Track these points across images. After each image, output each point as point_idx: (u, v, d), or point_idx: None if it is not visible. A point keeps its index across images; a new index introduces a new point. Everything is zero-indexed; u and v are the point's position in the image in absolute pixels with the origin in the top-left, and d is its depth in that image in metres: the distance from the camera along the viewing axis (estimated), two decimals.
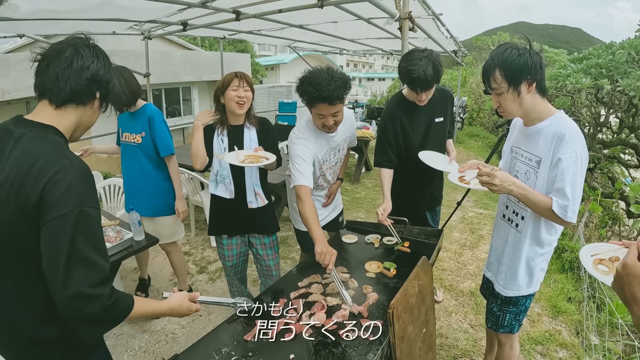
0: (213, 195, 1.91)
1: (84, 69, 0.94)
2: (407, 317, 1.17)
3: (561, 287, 2.83)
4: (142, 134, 2.24)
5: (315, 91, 1.54)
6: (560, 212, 1.22)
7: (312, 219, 1.54)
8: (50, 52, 0.95)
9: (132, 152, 2.29)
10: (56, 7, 3.08)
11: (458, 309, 2.53)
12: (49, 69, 0.93)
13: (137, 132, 2.25)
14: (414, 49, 1.75)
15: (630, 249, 0.65)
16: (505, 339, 1.63)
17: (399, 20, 2.36)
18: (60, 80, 0.92)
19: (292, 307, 1.33)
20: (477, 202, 4.49)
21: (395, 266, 1.58)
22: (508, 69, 1.23)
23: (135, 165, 2.29)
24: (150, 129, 2.22)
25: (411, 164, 1.93)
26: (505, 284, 1.50)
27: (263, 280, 2.18)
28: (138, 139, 2.25)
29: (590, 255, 1.01)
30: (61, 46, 0.95)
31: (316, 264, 1.61)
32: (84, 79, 0.94)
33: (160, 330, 2.38)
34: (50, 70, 0.93)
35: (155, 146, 2.25)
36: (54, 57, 0.93)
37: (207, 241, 3.53)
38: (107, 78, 1.01)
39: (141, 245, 2.13)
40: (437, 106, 1.94)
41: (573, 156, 1.22)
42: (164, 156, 2.28)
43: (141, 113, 2.25)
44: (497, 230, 1.60)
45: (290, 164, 1.72)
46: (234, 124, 1.85)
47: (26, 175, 0.86)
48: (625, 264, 0.63)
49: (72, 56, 0.93)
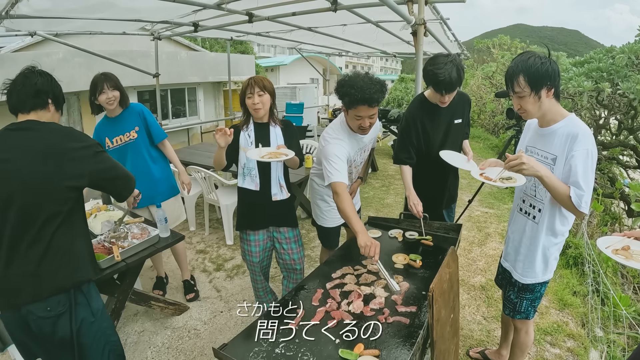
0: (240, 190, 2.00)
1: (32, 85, 1.34)
2: (441, 301, 1.26)
3: (566, 282, 2.94)
4: (137, 129, 2.35)
5: (357, 93, 1.64)
6: (576, 200, 1.34)
7: (353, 213, 1.61)
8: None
9: (132, 149, 2.37)
10: (72, 4, 3.11)
11: (471, 302, 2.62)
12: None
13: (129, 129, 2.34)
14: (438, 53, 1.85)
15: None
16: (521, 325, 1.74)
17: (414, 26, 2.45)
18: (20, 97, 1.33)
19: (330, 296, 1.41)
20: (482, 201, 4.60)
21: (420, 258, 1.67)
22: (532, 76, 1.36)
23: (138, 160, 2.39)
24: (143, 120, 2.37)
25: (431, 163, 2.03)
26: (524, 272, 1.61)
27: (286, 275, 2.24)
28: (133, 134, 2.35)
29: (605, 247, 1.21)
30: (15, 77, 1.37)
31: (344, 258, 1.71)
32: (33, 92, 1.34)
33: (182, 326, 2.42)
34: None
35: (149, 136, 2.40)
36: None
37: (222, 239, 3.59)
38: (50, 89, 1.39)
39: (168, 242, 2.18)
40: (457, 108, 2.04)
41: (584, 153, 1.35)
42: (160, 141, 2.46)
43: (129, 112, 2.36)
44: (514, 223, 1.70)
45: (324, 162, 1.80)
46: (259, 122, 1.95)
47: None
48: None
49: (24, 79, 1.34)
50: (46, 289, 1.26)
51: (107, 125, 2.37)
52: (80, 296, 1.35)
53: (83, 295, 1.36)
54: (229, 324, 2.44)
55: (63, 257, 1.29)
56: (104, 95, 2.22)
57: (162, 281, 2.83)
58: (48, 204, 1.25)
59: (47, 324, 1.28)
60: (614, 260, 1.17)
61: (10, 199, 1.22)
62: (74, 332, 1.32)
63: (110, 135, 2.36)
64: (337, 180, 1.69)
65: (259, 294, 2.31)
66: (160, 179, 2.50)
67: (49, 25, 3.73)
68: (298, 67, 12.61)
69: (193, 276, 2.94)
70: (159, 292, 2.73)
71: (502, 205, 4.54)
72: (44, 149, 1.26)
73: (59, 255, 1.28)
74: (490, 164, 1.65)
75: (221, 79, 8.10)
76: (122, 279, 2.08)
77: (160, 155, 2.53)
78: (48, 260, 1.26)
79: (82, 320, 1.35)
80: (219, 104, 8.92)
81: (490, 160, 1.67)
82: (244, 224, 2.07)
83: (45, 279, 1.26)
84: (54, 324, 1.29)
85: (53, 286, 1.27)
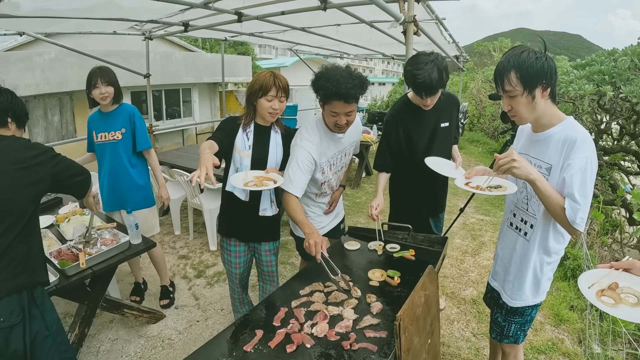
0: (226, 194, 1.84)
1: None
2: (413, 329, 1.14)
3: (563, 295, 2.79)
4: (123, 130, 2.28)
5: (332, 87, 1.50)
6: (570, 214, 1.18)
7: (302, 216, 1.59)
8: None
9: (111, 149, 2.30)
10: (57, 5, 3.04)
11: (460, 317, 2.49)
12: None
13: (115, 129, 2.28)
14: (420, 52, 1.72)
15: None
16: (509, 350, 1.59)
17: (403, 24, 2.33)
18: None
19: (294, 316, 1.29)
20: (478, 208, 4.46)
21: (399, 274, 1.54)
22: (525, 72, 1.19)
23: (116, 161, 2.33)
24: (132, 124, 2.29)
25: (416, 168, 1.90)
26: (513, 294, 1.47)
27: (261, 285, 2.14)
28: (118, 135, 2.29)
29: (588, 287, 1.01)
30: None
31: (317, 272, 1.58)
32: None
33: (157, 335, 2.33)
34: None
35: (133, 141, 2.32)
36: None
37: (206, 245, 3.48)
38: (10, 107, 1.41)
39: (138, 249, 2.09)
40: (443, 111, 1.91)
41: (583, 161, 1.19)
42: (143, 149, 2.37)
43: (120, 111, 2.30)
44: (503, 238, 1.56)
45: (287, 163, 1.69)
46: (262, 124, 1.80)
47: None
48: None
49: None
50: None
51: (98, 119, 2.32)
52: (33, 308, 1.31)
53: (37, 307, 1.32)
54: (204, 335, 2.33)
55: (18, 264, 1.29)
56: (97, 90, 2.19)
57: (140, 287, 2.74)
58: (9, 215, 1.28)
59: (0, 336, 1.22)
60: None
61: None
62: (27, 346, 1.27)
63: (97, 130, 2.31)
64: (288, 190, 1.63)
65: (236, 304, 2.22)
66: (136, 187, 2.40)
67: (39, 25, 3.66)
68: (299, 69, 12.51)
69: (173, 282, 2.83)
70: (136, 298, 2.64)
71: (499, 212, 4.40)
72: (5, 161, 1.30)
73: (15, 262, 1.28)
74: (478, 172, 1.53)
75: (217, 80, 8.00)
76: (92, 286, 2.00)
77: (141, 162, 2.44)
78: (2, 266, 1.24)
79: (35, 334, 1.30)
80: (214, 105, 8.83)
81: (478, 168, 1.54)
82: (225, 232, 1.94)
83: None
84: (6, 336, 1.23)
85: (6, 287, 1.24)
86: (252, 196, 1.80)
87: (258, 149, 1.76)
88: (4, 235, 1.26)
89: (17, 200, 1.29)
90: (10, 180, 1.29)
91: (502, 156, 1.23)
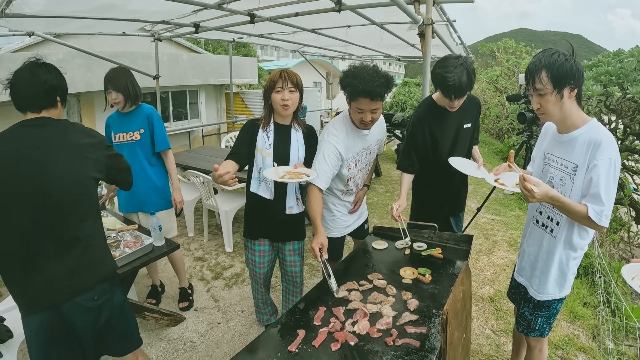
0: (251, 195, 1.86)
1: (42, 84, 1.29)
2: (455, 323, 1.17)
3: (577, 292, 2.83)
4: (141, 131, 2.30)
5: (359, 85, 1.57)
6: (596, 217, 1.25)
7: (317, 215, 1.66)
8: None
9: (129, 150, 2.30)
10: (68, 6, 3.05)
11: (479, 315, 2.52)
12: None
13: (134, 129, 2.30)
14: (448, 55, 1.76)
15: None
16: (535, 343, 1.63)
17: (421, 27, 2.36)
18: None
19: (333, 315, 1.32)
20: (488, 208, 4.49)
21: (430, 272, 1.57)
22: (555, 72, 1.26)
23: (134, 162, 2.31)
24: (150, 125, 2.31)
25: (440, 169, 1.94)
26: (540, 288, 1.51)
27: (285, 287, 2.15)
28: (136, 136, 2.30)
29: (631, 279, 1.13)
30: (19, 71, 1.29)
31: (348, 272, 1.61)
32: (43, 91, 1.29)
33: (178, 338, 2.33)
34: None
35: (152, 142, 2.34)
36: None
37: (221, 246, 3.50)
38: (59, 86, 1.35)
39: (162, 251, 2.10)
40: (466, 112, 1.95)
41: (607, 162, 1.25)
42: (162, 150, 2.38)
43: (138, 112, 2.31)
44: (529, 235, 1.60)
45: (315, 157, 1.75)
46: (281, 123, 1.83)
47: None
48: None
49: (31, 77, 1.27)
50: (90, 280, 1.32)
51: (116, 119, 2.35)
52: (114, 284, 1.44)
53: (115, 283, 1.45)
54: (226, 337, 2.34)
55: (97, 248, 1.36)
56: (109, 96, 2.24)
57: (157, 290, 2.74)
58: (81, 201, 1.29)
59: (92, 314, 1.32)
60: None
61: (43, 196, 1.22)
62: (112, 318, 1.40)
63: (115, 130, 2.33)
64: (313, 182, 1.68)
65: (259, 304, 2.23)
66: (154, 188, 2.41)
67: (48, 25, 3.66)
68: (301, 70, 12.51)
69: (191, 284, 2.84)
70: (152, 300, 2.64)
71: (509, 212, 4.43)
72: (66, 146, 1.27)
73: (95, 247, 1.35)
74: (505, 169, 1.58)
75: (223, 81, 8.01)
76: None
77: (160, 163, 2.45)
78: (87, 254, 1.31)
79: (119, 305, 1.44)
80: (220, 107, 8.83)
81: (504, 166, 1.59)
82: (251, 233, 1.96)
83: (87, 271, 1.31)
84: (99, 311, 1.34)
85: (97, 275, 1.34)
86: (277, 195, 1.82)
87: (279, 148, 1.79)
88: (85, 220, 1.30)
89: (83, 187, 1.30)
90: (73, 168, 1.27)
91: (528, 187, 1.27)
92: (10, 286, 1.26)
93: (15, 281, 1.24)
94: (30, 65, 1.29)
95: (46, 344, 1.28)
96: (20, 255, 1.22)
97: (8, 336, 1.68)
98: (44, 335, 1.27)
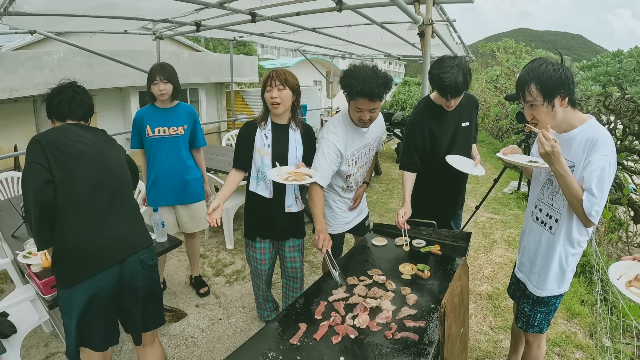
0: (250, 194, 1.89)
1: (86, 104, 1.61)
2: (452, 317, 1.19)
3: (574, 290, 2.86)
4: (185, 127, 2.38)
5: (358, 85, 1.61)
6: (587, 206, 1.27)
7: (319, 212, 1.72)
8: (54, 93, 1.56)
9: (170, 143, 2.36)
10: (69, 4, 3.07)
11: (477, 312, 2.55)
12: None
13: (177, 124, 2.36)
14: (445, 56, 1.78)
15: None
16: (533, 339, 1.66)
17: (421, 26, 2.38)
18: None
19: (334, 309, 1.34)
20: (487, 206, 4.52)
21: (428, 268, 1.60)
22: (544, 84, 1.28)
23: (175, 156, 2.40)
24: (193, 122, 2.42)
25: (439, 167, 1.96)
26: (539, 284, 1.54)
27: (285, 282, 2.18)
28: (180, 130, 2.37)
29: (617, 278, 1.12)
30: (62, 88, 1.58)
31: (348, 267, 1.64)
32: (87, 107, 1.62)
33: (180, 334, 2.35)
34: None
35: (193, 138, 2.46)
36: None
37: (222, 243, 3.53)
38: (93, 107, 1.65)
39: (164, 247, 2.13)
40: (464, 111, 1.97)
41: (603, 159, 1.27)
42: (200, 147, 2.53)
43: (181, 108, 2.40)
44: (529, 231, 1.62)
45: (315, 154, 1.79)
46: (279, 123, 1.85)
47: None
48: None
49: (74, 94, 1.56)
50: (146, 240, 1.56)
51: (153, 113, 2.36)
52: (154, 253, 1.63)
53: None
54: (227, 332, 2.37)
55: (142, 219, 1.61)
56: (156, 87, 2.25)
57: None
58: (126, 180, 1.59)
59: (150, 273, 1.54)
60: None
61: (111, 170, 1.51)
62: (156, 286, 1.61)
63: (153, 124, 2.34)
64: (314, 180, 1.72)
65: (260, 301, 2.25)
66: (194, 180, 2.51)
67: (49, 23, 3.68)
68: (301, 69, 12.54)
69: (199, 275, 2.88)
70: None
71: (508, 210, 4.46)
72: (104, 140, 1.59)
73: (140, 218, 1.61)
74: (513, 149, 1.60)
75: (224, 80, 8.04)
76: None
77: (191, 159, 2.54)
78: (140, 221, 1.58)
79: (157, 278, 1.63)
80: (221, 105, 8.85)
81: (513, 146, 1.61)
82: (252, 233, 1.98)
83: (143, 233, 1.56)
84: (154, 271, 1.57)
85: (149, 239, 1.58)
86: (276, 193, 1.85)
87: (277, 147, 1.81)
88: (129, 197, 1.57)
89: (125, 171, 1.59)
90: (118, 156, 1.58)
91: (547, 136, 1.26)
92: (80, 248, 1.37)
93: (89, 239, 1.38)
94: (73, 85, 1.58)
95: (98, 311, 1.40)
96: (100, 211, 1.43)
97: (12, 331, 1.72)
98: (97, 303, 1.39)
